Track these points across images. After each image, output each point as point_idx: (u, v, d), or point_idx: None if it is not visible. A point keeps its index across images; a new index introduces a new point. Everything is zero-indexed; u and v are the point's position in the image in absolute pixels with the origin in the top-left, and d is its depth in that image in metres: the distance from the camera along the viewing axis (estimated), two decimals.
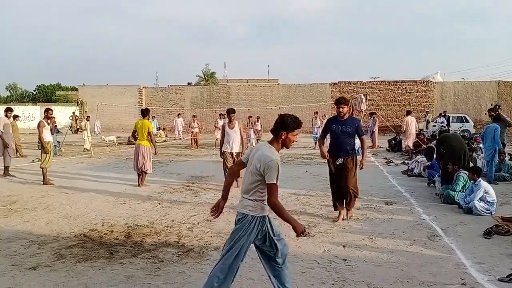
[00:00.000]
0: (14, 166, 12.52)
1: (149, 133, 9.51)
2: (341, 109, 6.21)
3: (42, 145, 9.88)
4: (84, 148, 18.00)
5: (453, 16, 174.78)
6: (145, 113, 9.83)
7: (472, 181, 7.23)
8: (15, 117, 17.48)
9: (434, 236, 5.67)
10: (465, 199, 7.05)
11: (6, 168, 10.84)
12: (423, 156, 11.42)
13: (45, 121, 10.04)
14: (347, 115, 6.28)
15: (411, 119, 17.32)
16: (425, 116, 26.21)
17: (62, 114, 36.95)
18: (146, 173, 9.55)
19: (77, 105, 24.25)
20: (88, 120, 19.78)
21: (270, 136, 3.64)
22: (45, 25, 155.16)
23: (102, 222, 6.38)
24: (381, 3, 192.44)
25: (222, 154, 9.16)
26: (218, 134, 19.59)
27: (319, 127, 19.07)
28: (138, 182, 9.49)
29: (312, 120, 20.13)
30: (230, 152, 9.09)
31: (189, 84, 46.67)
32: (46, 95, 76.66)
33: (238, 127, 9.17)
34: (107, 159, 15.11)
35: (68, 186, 9.39)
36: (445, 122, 23.80)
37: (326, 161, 6.45)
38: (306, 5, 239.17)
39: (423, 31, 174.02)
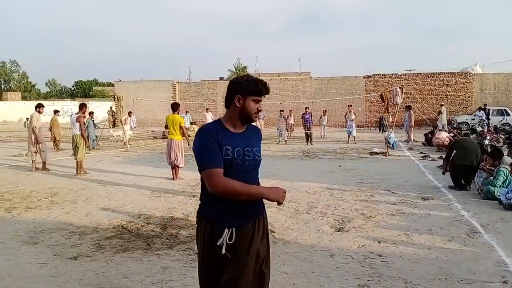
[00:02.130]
0: (55, 159, 13.02)
1: (180, 127, 9.62)
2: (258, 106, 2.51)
3: (83, 139, 10.30)
4: (124, 142, 18.42)
5: (493, 4, 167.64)
6: (175, 107, 9.83)
7: None
8: (56, 112, 18.15)
9: (473, 232, 5.50)
10: (507, 195, 6.80)
11: (43, 163, 11.15)
12: None
13: (83, 116, 10.53)
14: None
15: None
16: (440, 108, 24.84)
17: (99, 109, 38.02)
18: (178, 166, 9.69)
19: (114, 100, 24.87)
20: (129, 116, 20.17)
21: (302, 129, 3.71)
22: (83, 24, 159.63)
23: (139, 214, 6.54)
24: None
25: None
26: None
27: (352, 120, 18.78)
28: (173, 176, 9.64)
29: (346, 113, 19.79)
30: None
31: (221, 78, 47.03)
32: (84, 91, 79.13)
33: None
34: (142, 153, 15.45)
35: (106, 179, 9.67)
36: (484, 116, 22.99)
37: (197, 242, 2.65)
38: None
39: (462, 21, 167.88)
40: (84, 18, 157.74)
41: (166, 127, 9.88)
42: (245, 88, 2.42)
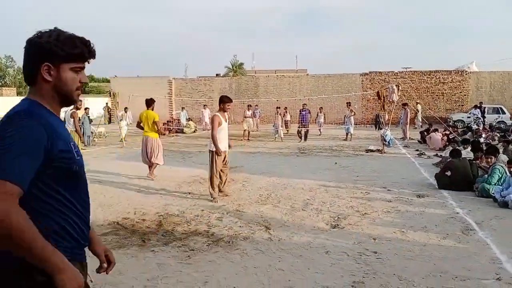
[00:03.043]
0: None
1: (155, 123, 9.14)
2: None
3: (78, 135, 10.31)
4: (121, 138, 18.28)
5: (490, 3, 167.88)
6: (149, 103, 9.35)
7: (510, 175, 7.00)
8: None
9: (468, 230, 5.53)
10: (502, 192, 6.83)
11: None
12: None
13: (77, 112, 10.53)
14: None
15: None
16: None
17: (95, 104, 37.84)
18: (157, 163, 9.24)
19: (110, 96, 24.77)
20: (126, 112, 20.07)
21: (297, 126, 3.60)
22: (78, 18, 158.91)
23: (134, 211, 6.53)
24: None
25: (217, 154, 7.17)
26: (246, 125, 19.61)
27: (349, 117, 18.75)
28: (150, 174, 9.19)
29: (347, 113, 19.69)
30: (225, 151, 7.44)
31: (217, 75, 46.95)
32: None
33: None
34: (138, 150, 15.36)
35: (101, 176, 9.64)
36: (480, 114, 23.09)
37: None
38: None
39: (459, 20, 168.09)
40: (80, 13, 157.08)
41: (139, 124, 9.31)
42: (57, 52, 1.59)
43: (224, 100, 7.33)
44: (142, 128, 9.25)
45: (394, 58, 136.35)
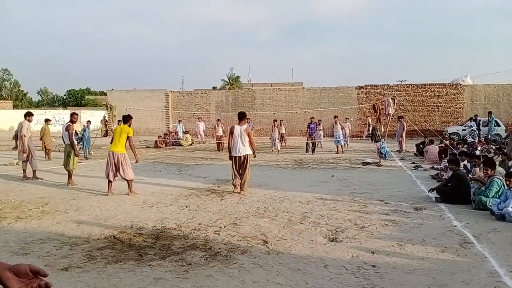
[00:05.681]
0: (46, 169, 12.90)
1: (129, 138, 9.06)
2: None
3: (73, 148, 10.21)
4: None
5: (487, 16, 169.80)
6: (126, 119, 9.39)
7: (507, 187, 7.01)
8: (47, 120, 18.03)
9: (466, 243, 5.52)
10: (499, 205, 6.84)
11: (34, 172, 11.04)
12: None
13: (72, 125, 10.43)
14: None
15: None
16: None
17: (92, 118, 37.84)
18: (129, 180, 9.00)
19: (107, 109, 24.75)
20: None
21: (295, 139, 3.59)
22: (76, 33, 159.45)
23: (131, 225, 6.48)
24: (409, 4, 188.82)
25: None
26: None
27: (338, 131, 18.84)
28: (108, 190, 8.90)
29: (333, 124, 19.83)
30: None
31: (214, 88, 47.17)
32: (76, 100, 78.85)
33: None
34: (134, 163, 15.31)
35: (97, 189, 9.59)
36: (475, 126, 23.24)
37: None
38: (333, 7, 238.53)
39: (453, 33, 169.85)
40: (77, 27, 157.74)
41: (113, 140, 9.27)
42: None
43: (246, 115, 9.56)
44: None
45: (389, 71, 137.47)
